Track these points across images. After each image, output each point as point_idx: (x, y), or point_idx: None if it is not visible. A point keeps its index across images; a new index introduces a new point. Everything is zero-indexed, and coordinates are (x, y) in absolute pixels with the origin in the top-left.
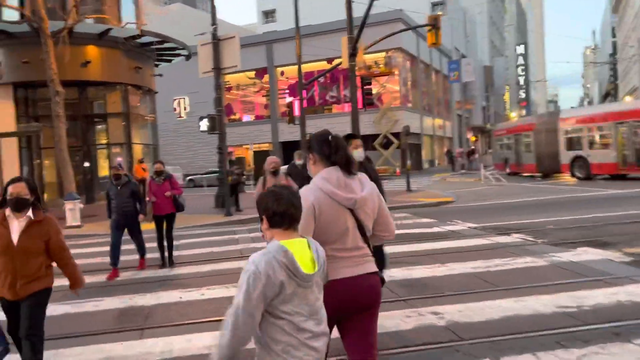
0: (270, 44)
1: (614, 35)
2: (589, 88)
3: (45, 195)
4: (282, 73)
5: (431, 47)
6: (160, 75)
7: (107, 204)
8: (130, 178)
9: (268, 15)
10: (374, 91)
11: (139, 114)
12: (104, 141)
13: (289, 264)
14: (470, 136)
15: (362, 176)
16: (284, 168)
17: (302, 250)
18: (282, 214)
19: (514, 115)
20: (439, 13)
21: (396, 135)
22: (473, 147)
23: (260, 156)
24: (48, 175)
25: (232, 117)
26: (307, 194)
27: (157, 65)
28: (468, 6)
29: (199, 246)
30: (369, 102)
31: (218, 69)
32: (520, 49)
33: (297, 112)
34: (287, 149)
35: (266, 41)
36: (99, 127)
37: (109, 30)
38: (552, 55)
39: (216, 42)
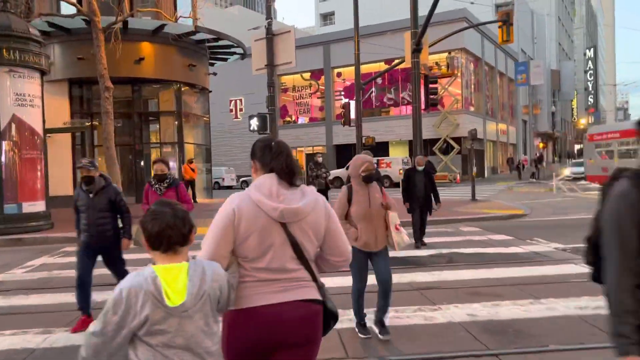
0: (328, 45)
1: None
2: None
3: None
4: (339, 74)
5: (503, 44)
6: (215, 74)
7: (75, 219)
8: (108, 179)
9: (326, 17)
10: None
11: (192, 113)
12: (156, 140)
13: (155, 293)
14: (538, 143)
15: (307, 188)
16: (335, 172)
17: (176, 276)
18: (157, 235)
19: (583, 122)
20: (510, 8)
21: (456, 140)
22: (538, 154)
23: (310, 159)
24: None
25: (287, 118)
26: (232, 199)
27: (212, 64)
28: (535, 8)
29: None
30: (433, 102)
31: (272, 66)
32: (590, 53)
33: (353, 114)
34: (341, 152)
35: (323, 42)
36: (152, 125)
37: (163, 26)
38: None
39: (270, 37)
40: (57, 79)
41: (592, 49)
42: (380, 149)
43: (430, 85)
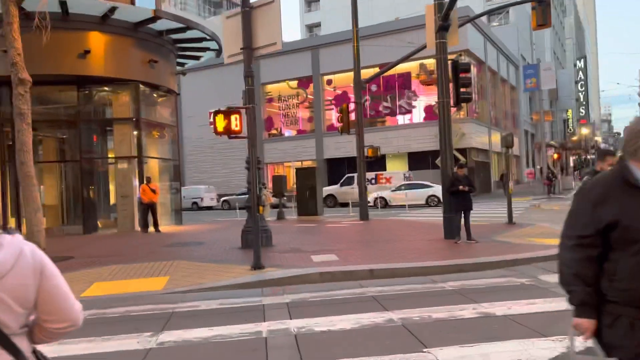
0: (316, 50)
1: None
2: None
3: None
4: (329, 82)
5: (537, 30)
6: (184, 73)
7: None
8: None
9: (312, 29)
10: (433, 101)
11: (156, 121)
12: (111, 155)
13: None
14: (552, 154)
15: (6, 238)
16: (327, 189)
17: None
18: None
19: (585, 131)
20: None
21: (462, 151)
22: (550, 167)
23: (303, 174)
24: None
25: (273, 131)
26: None
27: (181, 64)
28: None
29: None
30: (466, 97)
31: (250, 49)
32: (580, 64)
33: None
34: (333, 167)
35: (311, 46)
36: (105, 136)
37: (113, 10)
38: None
39: (247, 10)
40: None
41: (582, 60)
42: (376, 162)
43: (462, 75)
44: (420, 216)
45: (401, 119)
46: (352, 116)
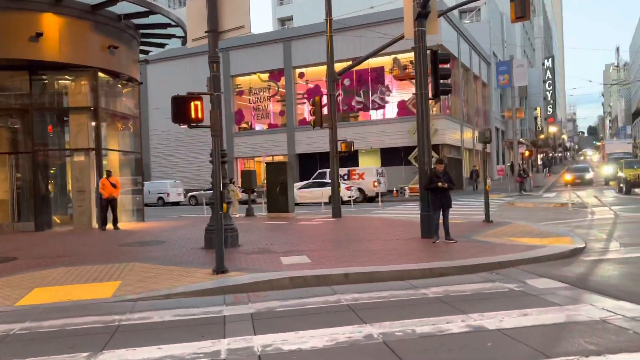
0: (288, 42)
1: None
2: (610, 107)
3: None
4: (301, 75)
5: (516, 22)
6: (146, 61)
7: None
8: None
9: (284, 22)
10: (406, 96)
11: (117, 111)
12: (67, 147)
13: None
14: (524, 151)
15: None
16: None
17: None
18: None
19: (553, 129)
20: None
21: (434, 147)
22: (522, 165)
23: (274, 169)
24: None
25: (243, 125)
26: None
27: (145, 52)
28: (505, 10)
29: None
30: (445, 89)
31: (215, 32)
32: (548, 63)
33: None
34: (306, 162)
35: (283, 38)
36: (60, 126)
37: None
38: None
39: None
40: None
41: (550, 59)
42: (349, 158)
43: (441, 66)
44: (395, 213)
45: (374, 114)
46: (325, 110)
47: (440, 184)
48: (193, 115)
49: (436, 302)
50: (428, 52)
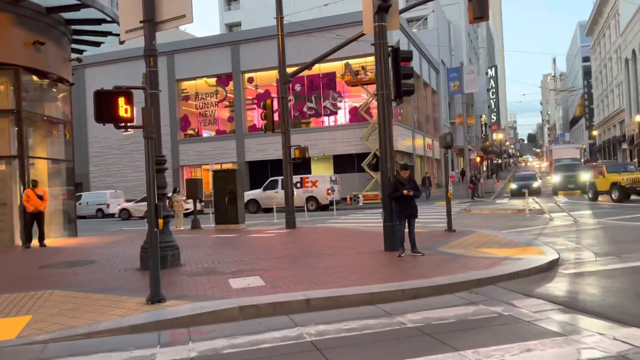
0: (237, 46)
1: (585, 60)
2: (549, 115)
3: None
4: (250, 80)
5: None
6: (79, 60)
7: None
8: None
9: (232, 28)
10: (358, 102)
11: (45, 115)
12: None
13: None
14: (475, 157)
15: None
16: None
17: None
18: None
19: (501, 136)
20: None
21: None
22: (473, 171)
23: (221, 177)
24: None
25: (189, 131)
26: None
27: (78, 52)
28: (451, 19)
29: None
30: (408, 90)
31: (152, 22)
32: (492, 72)
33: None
34: (256, 170)
35: (231, 42)
36: None
37: None
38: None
39: None
40: None
41: (493, 68)
42: (302, 165)
43: (403, 64)
44: (352, 223)
45: (326, 121)
46: (276, 116)
47: (405, 191)
48: (121, 113)
49: (418, 335)
50: (389, 48)
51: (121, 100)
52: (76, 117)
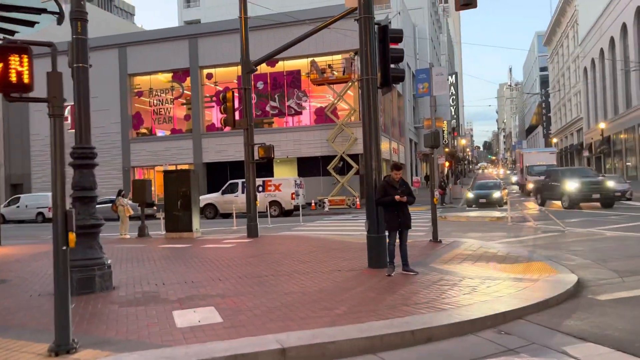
0: (195, 39)
1: (542, 70)
2: (504, 123)
3: None
4: (210, 76)
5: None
6: (12, 42)
7: None
8: None
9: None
10: (325, 103)
11: None
12: None
13: None
14: (443, 162)
15: None
16: (206, 197)
17: None
18: None
19: (464, 142)
20: None
21: (354, 157)
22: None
23: (173, 178)
24: None
25: (142, 130)
26: None
27: (10, 32)
28: (416, 22)
29: None
30: (398, 76)
31: None
32: (452, 79)
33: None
34: (214, 172)
35: (189, 35)
36: None
37: None
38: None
39: None
40: None
41: (454, 75)
42: (264, 167)
43: (392, 45)
44: (320, 230)
45: (290, 121)
46: (237, 115)
47: (397, 197)
48: (13, 78)
49: None
50: (376, 26)
51: (14, 60)
52: (16, 113)
